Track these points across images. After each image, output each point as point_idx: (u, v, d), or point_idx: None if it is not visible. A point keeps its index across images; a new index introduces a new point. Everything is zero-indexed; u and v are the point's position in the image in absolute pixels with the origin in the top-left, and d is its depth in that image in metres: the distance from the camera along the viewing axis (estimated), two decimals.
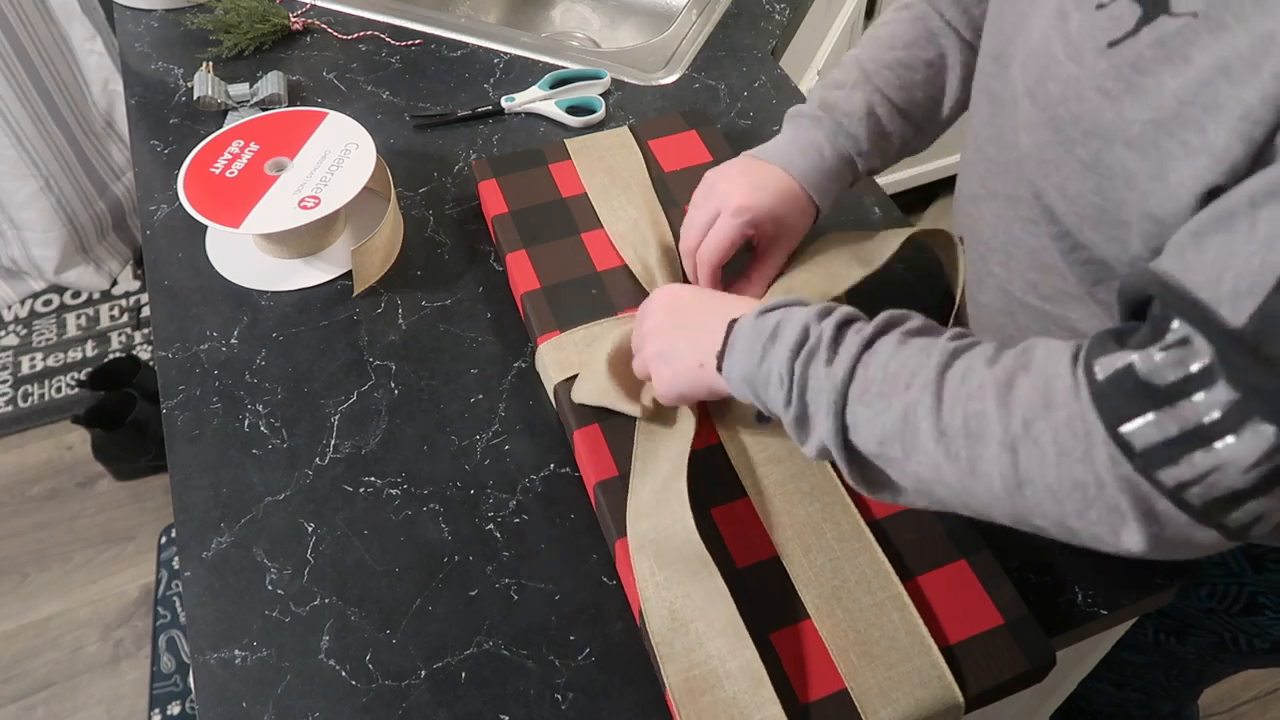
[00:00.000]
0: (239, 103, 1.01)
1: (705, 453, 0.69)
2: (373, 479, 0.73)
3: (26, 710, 1.45)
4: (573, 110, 1.01)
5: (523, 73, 1.07)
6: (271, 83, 1.01)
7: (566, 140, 0.92)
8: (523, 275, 0.80)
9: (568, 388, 0.72)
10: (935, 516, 0.66)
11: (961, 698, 0.59)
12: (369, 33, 1.12)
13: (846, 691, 0.59)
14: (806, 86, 1.34)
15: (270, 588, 0.67)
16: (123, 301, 1.96)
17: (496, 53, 1.10)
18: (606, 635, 0.65)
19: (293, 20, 1.11)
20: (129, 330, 1.91)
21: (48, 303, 1.96)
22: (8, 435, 1.77)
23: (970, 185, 0.67)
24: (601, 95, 1.03)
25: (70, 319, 1.93)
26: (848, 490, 0.67)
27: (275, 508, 0.71)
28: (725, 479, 0.68)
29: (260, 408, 0.77)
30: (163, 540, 1.63)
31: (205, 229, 0.90)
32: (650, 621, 0.60)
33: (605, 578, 0.67)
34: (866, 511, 0.67)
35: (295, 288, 0.86)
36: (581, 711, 0.61)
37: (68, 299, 1.96)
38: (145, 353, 1.86)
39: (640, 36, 1.32)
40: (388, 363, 0.80)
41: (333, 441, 0.75)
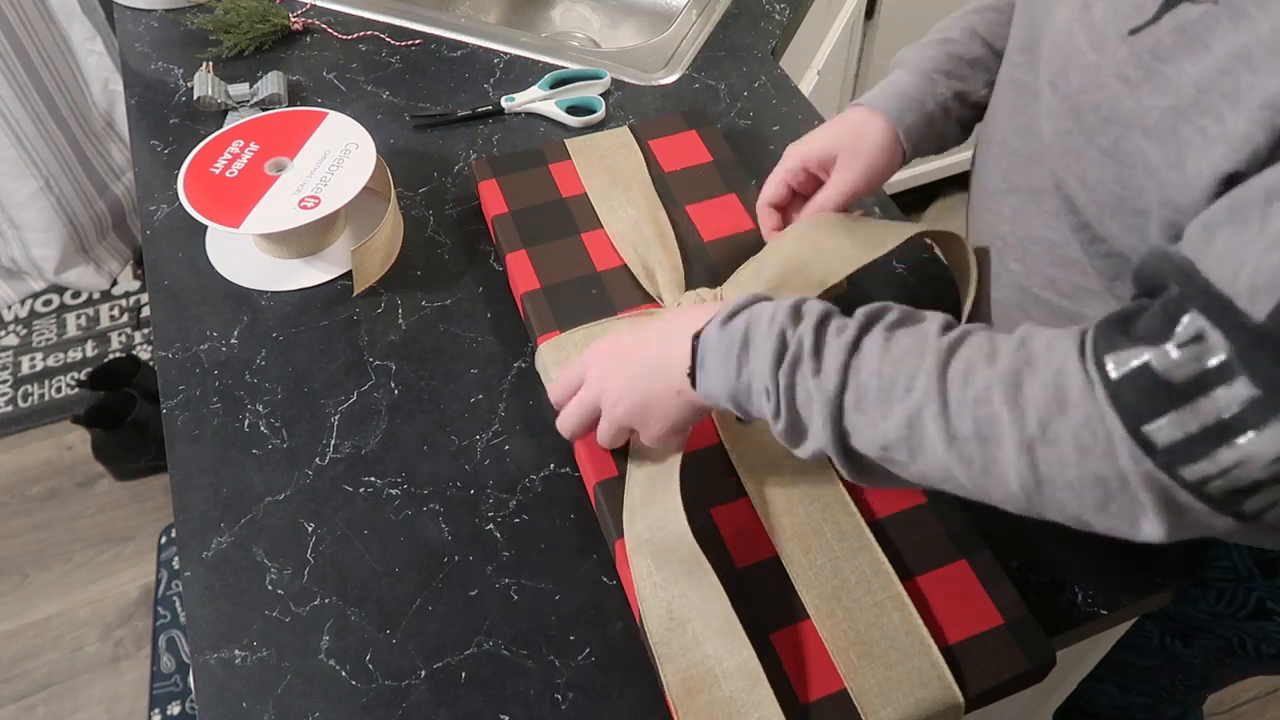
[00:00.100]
0: (239, 103, 1.01)
1: (705, 453, 0.69)
2: (373, 479, 0.73)
3: (26, 710, 1.45)
4: (573, 110, 1.01)
5: (523, 73, 1.07)
6: (271, 83, 1.01)
7: (566, 140, 0.92)
8: (523, 275, 0.80)
9: None
10: (935, 517, 0.66)
11: (961, 698, 0.59)
12: (369, 33, 1.12)
13: (846, 691, 0.59)
14: (807, 87, 1.34)
15: (270, 588, 0.67)
16: (123, 301, 1.96)
17: (496, 53, 1.10)
18: (606, 635, 0.65)
19: (293, 20, 1.11)
20: (129, 330, 1.91)
21: (48, 303, 1.96)
22: (8, 435, 1.77)
23: (990, 179, 0.67)
24: (601, 95, 1.03)
25: (70, 319, 1.93)
26: (848, 490, 0.67)
27: (275, 508, 0.71)
28: (725, 479, 0.68)
29: (260, 408, 0.77)
30: (163, 540, 1.63)
31: (205, 229, 0.90)
32: (648, 621, 0.60)
33: (605, 578, 0.67)
34: (866, 511, 0.67)
35: (295, 288, 0.86)
36: (581, 711, 0.61)
37: (68, 299, 1.96)
38: (145, 353, 1.86)
39: (640, 36, 1.32)
40: (388, 363, 0.80)
41: (333, 441, 0.75)
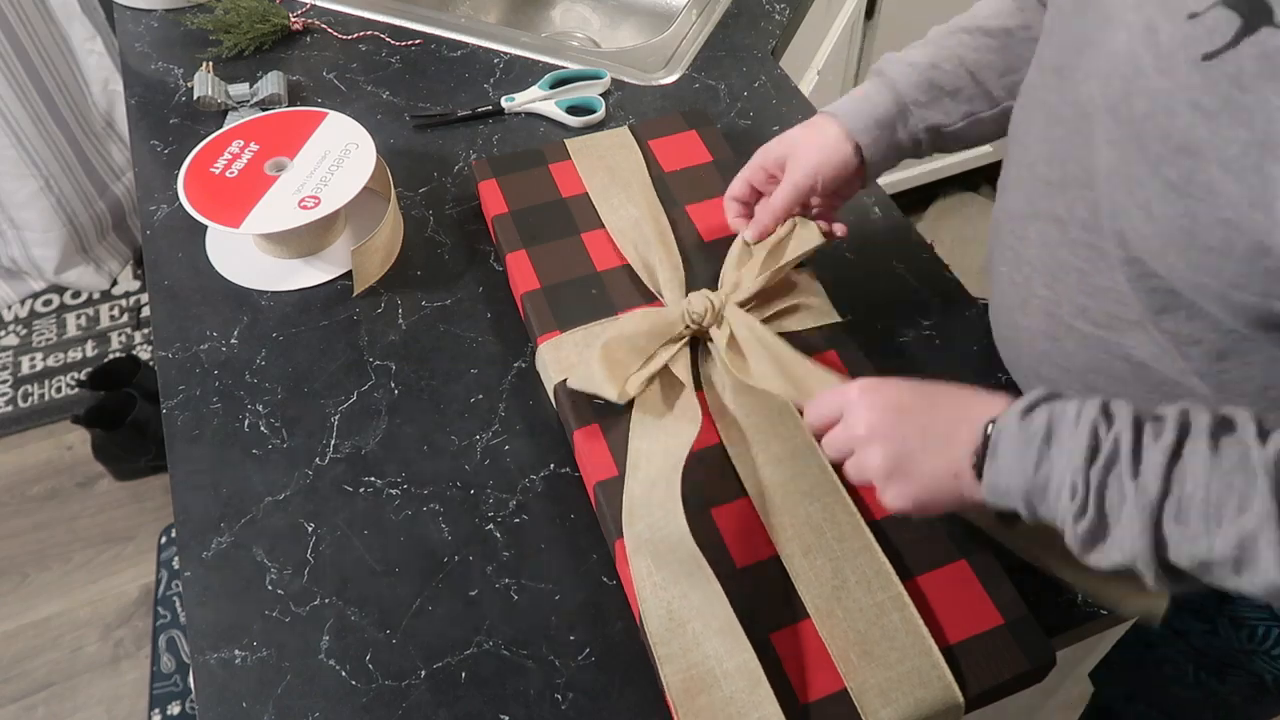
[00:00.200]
0: (239, 103, 1.01)
1: (705, 453, 0.69)
2: (373, 479, 0.73)
3: (26, 710, 1.45)
4: (573, 110, 1.01)
5: (523, 73, 1.07)
6: (271, 83, 1.01)
7: (566, 140, 0.92)
8: (523, 275, 0.80)
9: (568, 388, 0.72)
10: (936, 517, 0.66)
11: (961, 698, 0.59)
12: (369, 33, 1.12)
13: (846, 691, 0.59)
14: (807, 86, 1.34)
15: (270, 588, 0.67)
16: (123, 301, 1.96)
17: (496, 53, 1.10)
18: (606, 635, 0.65)
19: (293, 20, 1.11)
20: (129, 330, 1.91)
21: (48, 303, 1.96)
22: (8, 435, 1.77)
23: (1015, 203, 0.65)
24: (601, 95, 1.03)
25: (70, 319, 1.93)
26: (848, 490, 0.67)
27: (275, 508, 0.71)
28: (725, 479, 0.68)
29: (260, 408, 0.77)
30: (163, 540, 1.63)
31: (205, 229, 0.90)
32: (648, 622, 0.60)
33: (605, 578, 0.67)
34: (866, 512, 0.66)
35: (295, 288, 0.86)
36: (581, 711, 0.61)
37: (68, 299, 1.96)
38: (145, 353, 1.86)
39: (640, 36, 1.32)
40: (388, 363, 0.80)
41: (333, 441, 0.75)
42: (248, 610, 0.66)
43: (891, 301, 0.85)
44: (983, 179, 2.15)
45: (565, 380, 0.73)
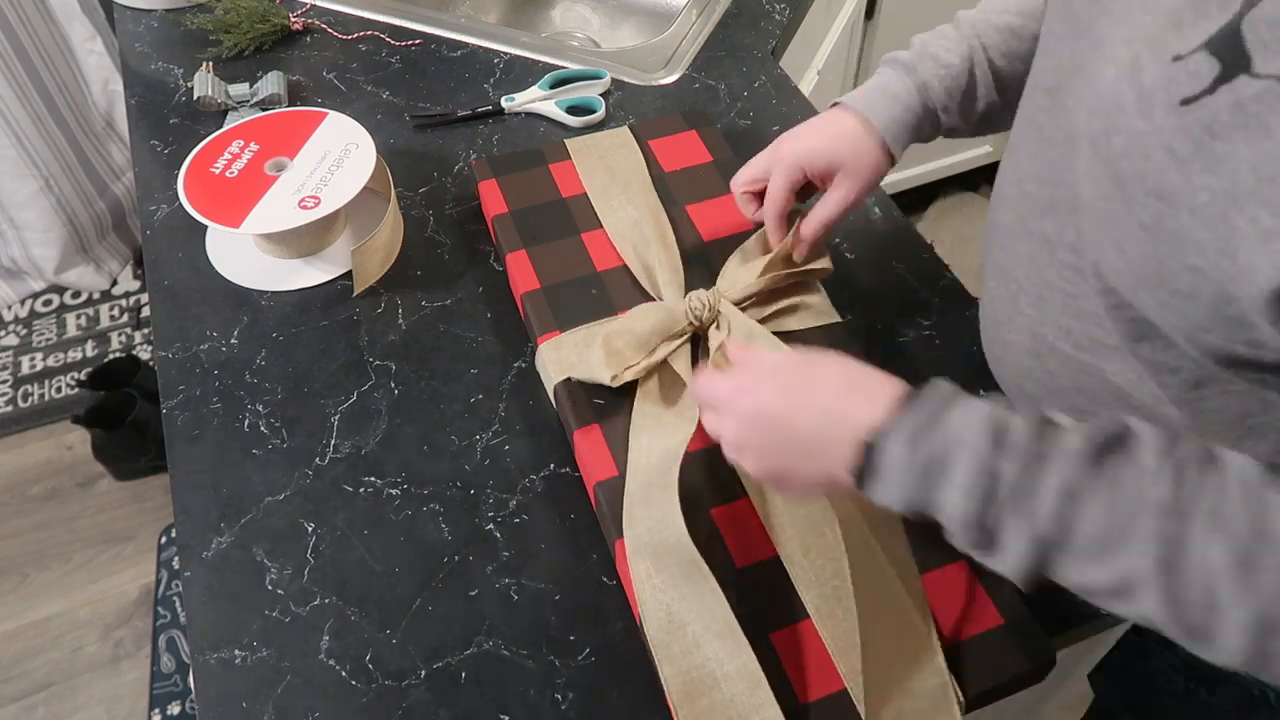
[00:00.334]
0: (239, 103, 1.01)
1: (705, 453, 0.69)
2: (373, 479, 0.73)
3: (26, 710, 1.45)
4: (573, 110, 1.01)
5: (523, 73, 1.07)
6: (271, 83, 1.01)
7: (566, 140, 0.92)
8: (523, 275, 0.80)
9: (568, 388, 0.72)
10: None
11: (961, 697, 0.59)
12: (369, 33, 1.12)
13: (846, 691, 0.59)
14: (807, 87, 1.34)
15: (270, 588, 0.67)
16: (123, 301, 1.96)
17: (496, 53, 1.10)
18: (606, 635, 0.65)
19: (293, 20, 1.11)
20: (129, 330, 1.91)
21: (48, 303, 1.96)
22: (8, 435, 1.77)
23: (1005, 219, 0.64)
24: (601, 95, 1.03)
25: (70, 319, 1.93)
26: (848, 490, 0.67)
27: (275, 508, 0.71)
28: (725, 479, 0.68)
29: (260, 408, 0.77)
30: (163, 540, 1.63)
31: (205, 229, 0.90)
32: (648, 624, 0.60)
33: (605, 578, 0.67)
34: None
35: (295, 288, 0.86)
36: (581, 711, 0.61)
37: (68, 299, 1.96)
38: (145, 353, 1.86)
39: (640, 36, 1.32)
40: (388, 363, 0.80)
41: (333, 441, 0.75)
42: (248, 610, 0.66)
43: (891, 301, 0.85)
44: (983, 179, 2.15)
45: (565, 380, 0.73)
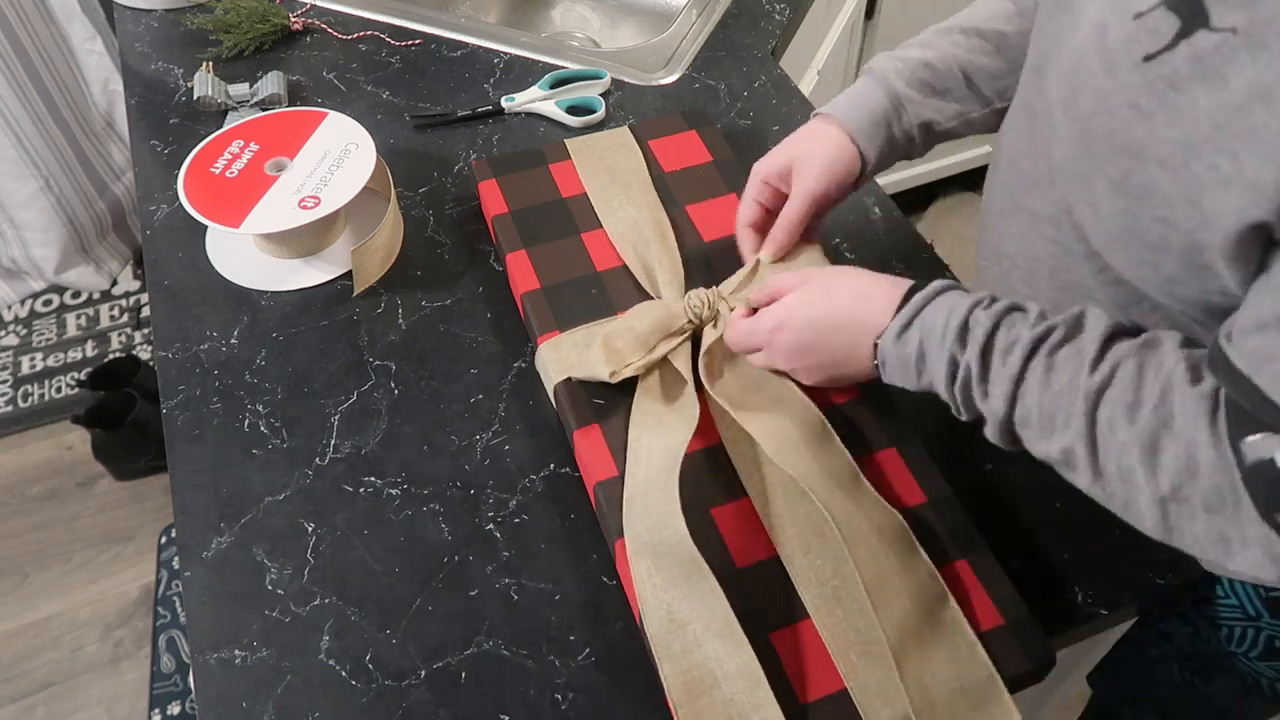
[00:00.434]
0: (239, 103, 1.01)
1: (705, 453, 0.69)
2: (373, 479, 0.73)
3: (26, 710, 1.45)
4: (573, 110, 1.01)
5: (523, 73, 1.07)
6: (271, 83, 1.01)
7: (566, 140, 0.92)
8: (523, 275, 0.80)
9: (568, 388, 0.72)
10: (935, 516, 0.66)
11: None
12: (369, 33, 1.12)
13: (846, 691, 0.59)
14: (807, 86, 1.34)
15: (270, 588, 0.67)
16: (123, 301, 1.96)
17: (496, 53, 1.10)
18: (606, 635, 0.65)
19: (293, 20, 1.11)
20: (129, 330, 1.91)
21: (48, 303, 1.96)
22: (8, 435, 1.77)
23: (998, 200, 0.66)
24: (601, 95, 1.03)
25: (70, 319, 1.93)
26: (848, 490, 0.67)
27: (275, 508, 0.71)
28: (725, 479, 0.68)
29: (260, 408, 0.77)
30: (163, 540, 1.63)
31: (205, 229, 0.90)
32: (648, 623, 0.60)
33: (605, 578, 0.67)
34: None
35: (295, 288, 0.86)
36: (581, 711, 0.61)
37: (68, 299, 1.96)
38: (145, 353, 1.86)
39: (640, 36, 1.32)
40: (388, 363, 0.80)
41: (333, 441, 0.75)
42: (248, 610, 0.66)
43: None
44: (982, 179, 2.14)
45: (565, 380, 0.73)
